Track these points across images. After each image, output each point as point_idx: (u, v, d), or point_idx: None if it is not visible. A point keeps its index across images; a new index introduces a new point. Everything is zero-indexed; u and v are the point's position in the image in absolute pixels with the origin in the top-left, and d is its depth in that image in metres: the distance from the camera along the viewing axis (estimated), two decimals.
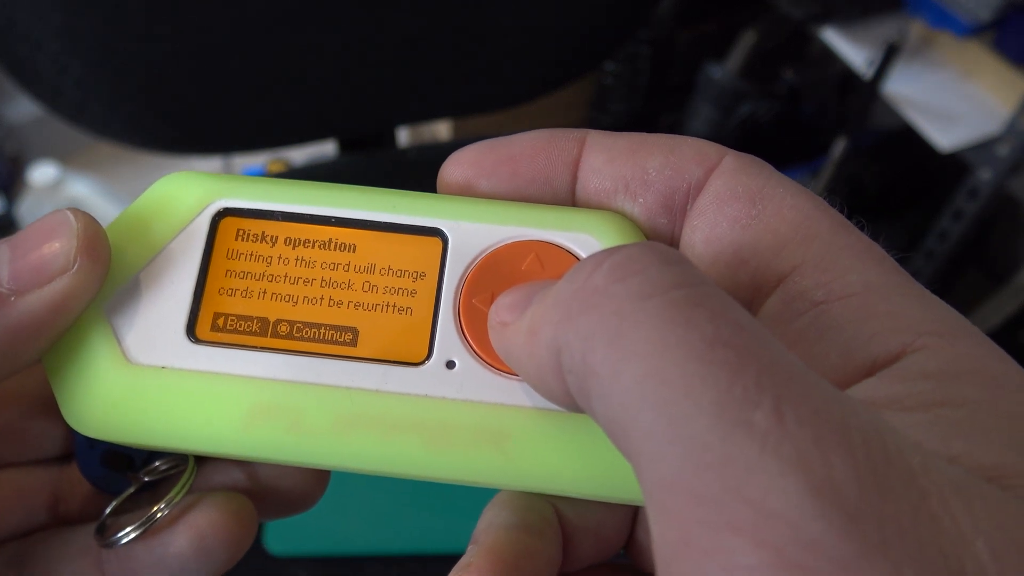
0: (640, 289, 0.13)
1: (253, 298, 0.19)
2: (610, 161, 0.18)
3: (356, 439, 0.17)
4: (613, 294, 0.13)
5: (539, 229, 0.19)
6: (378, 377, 0.18)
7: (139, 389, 0.18)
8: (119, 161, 1.29)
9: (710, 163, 0.17)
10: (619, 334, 0.12)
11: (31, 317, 0.17)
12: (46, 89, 0.50)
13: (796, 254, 0.16)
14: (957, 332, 0.14)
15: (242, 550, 0.19)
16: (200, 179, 0.19)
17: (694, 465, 0.11)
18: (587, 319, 0.13)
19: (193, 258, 0.19)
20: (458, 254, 0.19)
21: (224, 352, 0.18)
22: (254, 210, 0.19)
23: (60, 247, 0.17)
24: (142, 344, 0.18)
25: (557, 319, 0.14)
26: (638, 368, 0.12)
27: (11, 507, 0.20)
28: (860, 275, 0.15)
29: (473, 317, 0.18)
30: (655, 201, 0.18)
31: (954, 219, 0.90)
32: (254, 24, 0.49)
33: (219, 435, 0.18)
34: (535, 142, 0.19)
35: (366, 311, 0.19)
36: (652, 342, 0.12)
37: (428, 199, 0.19)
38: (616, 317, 0.13)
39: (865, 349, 0.15)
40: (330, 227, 0.19)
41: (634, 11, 0.59)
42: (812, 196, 0.17)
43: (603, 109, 1.18)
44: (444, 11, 0.52)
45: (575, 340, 0.13)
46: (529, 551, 0.17)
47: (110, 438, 0.18)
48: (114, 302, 0.18)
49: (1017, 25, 0.84)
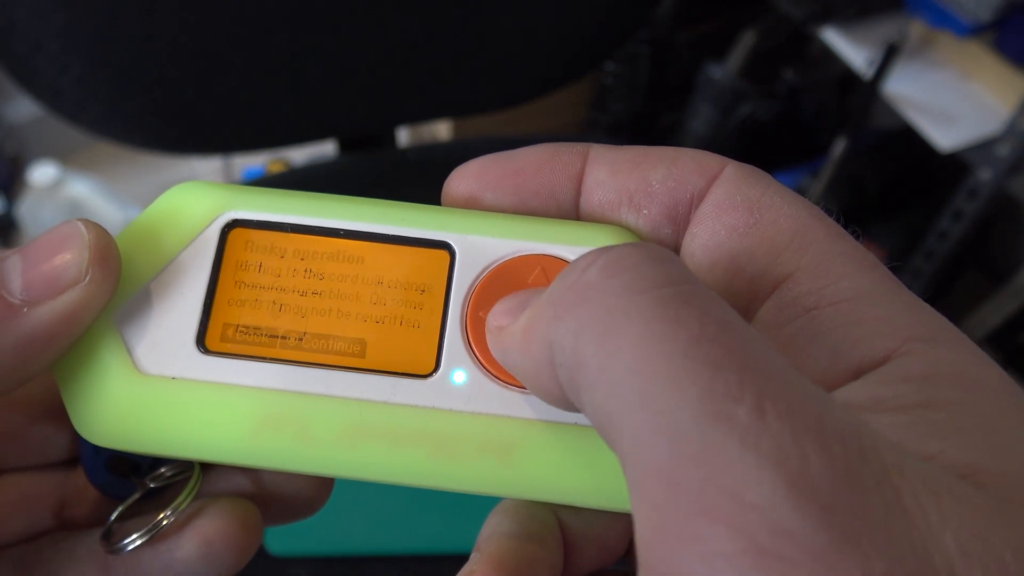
0: (631, 285, 0.13)
1: (262, 309, 0.19)
2: (614, 174, 0.18)
3: (364, 450, 0.17)
4: (605, 289, 0.13)
5: (545, 243, 0.19)
6: (386, 389, 0.18)
7: (149, 399, 0.18)
8: (119, 161, 1.29)
9: (711, 173, 0.18)
10: (609, 328, 0.13)
11: (43, 328, 0.17)
12: (46, 89, 0.50)
13: (791, 261, 0.16)
14: (941, 337, 0.15)
15: (248, 556, 0.19)
16: (210, 190, 0.19)
17: (675, 455, 0.12)
18: (579, 313, 0.14)
19: (203, 269, 0.19)
20: (465, 267, 0.19)
21: (233, 363, 0.18)
22: (264, 222, 0.19)
23: (72, 258, 0.17)
24: (152, 354, 0.18)
25: (551, 315, 0.14)
26: (626, 361, 0.13)
27: (17, 512, 0.20)
28: (852, 282, 0.16)
29: (480, 330, 0.18)
30: (659, 212, 0.18)
31: (954, 219, 0.90)
32: (254, 24, 0.49)
33: (228, 445, 0.18)
34: (539, 156, 0.19)
35: (374, 323, 0.19)
36: (640, 336, 0.13)
37: (436, 212, 0.19)
38: (606, 311, 0.13)
39: (853, 353, 0.15)
40: (339, 239, 0.19)
41: (634, 11, 0.59)
42: (809, 205, 0.17)
43: (603, 109, 1.18)
44: (444, 11, 0.52)
45: (567, 334, 0.14)
46: (531, 559, 0.17)
47: (120, 447, 0.18)
48: (124, 312, 0.18)
49: (1017, 25, 0.84)
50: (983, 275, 1.07)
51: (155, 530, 0.19)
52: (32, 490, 0.20)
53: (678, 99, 1.14)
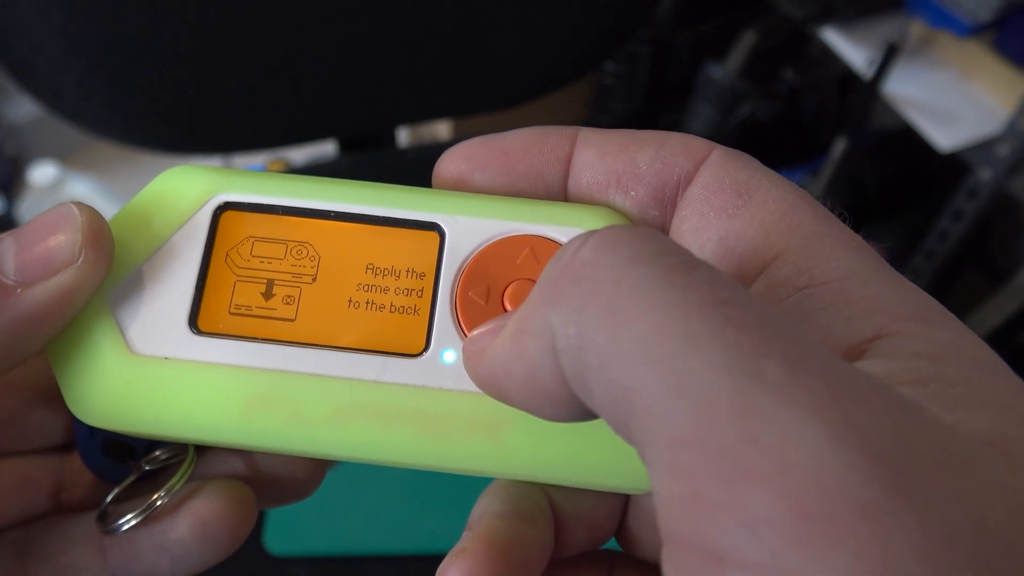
0: (631, 257, 0.13)
1: (254, 290, 0.19)
2: (602, 156, 0.19)
3: (354, 428, 0.18)
4: (603, 264, 0.13)
5: (534, 224, 0.19)
6: (376, 368, 0.18)
7: (142, 379, 0.18)
8: (119, 161, 1.29)
9: (699, 156, 0.18)
10: (614, 300, 0.12)
11: (37, 309, 0.17)
12: (46, 89, 0.50)
13: (780, 242, 0.16)
14: (932, 318, 0.15)
15: (242, 537, 0.20)
16: (202, 173, 0.20)
17: (706, 419, 0.11)
18: (579, 290, 0.13)
19: (195, 251, 0.19)
20: (455, 248, 0.19)
21: (225, 343, 0.18)
22: (255, 204, 0.19)
23: (65, 240, 0.17)
24: (145, 335, 0.18)
25: (547, 301, 0.13)
26: (638, 328, 0.12)
27: (13, 496, 0.20)
28: (840, 262, 0.16)
29: (469, 310, 0.18)
30: (646, 193, 0.18)
31: (954, 219, 0.90)
32: (254, 24, 0.49)
33: (220, 424, 0.18)
34: (529, 138, 0.19)
35: (364, 303, 0.19)
36: (650, 304, 0.12)
37: (425, 194, 0.19)
38: (610, 284, 0.13)
39: (843, 332, 0.15)
40: (329, 221, 0.19)
41: (634, 11, 0.59)
42: (796, 188, 0.17)
43: (603, 109, 1.18)
44: (444, 11, 0.52)
45: (569, 313, 0.13)
46: (522, 538, 0.17)
47: (114, 427, 0.18)
48: (117, 294, 0.19)
49: (1017, 25, 0.84)
50: (983, 275, 1.07)
51: (149, 511, 0.19)
52: (28, 474, 0.21)
53: (678, 99, 1.14)
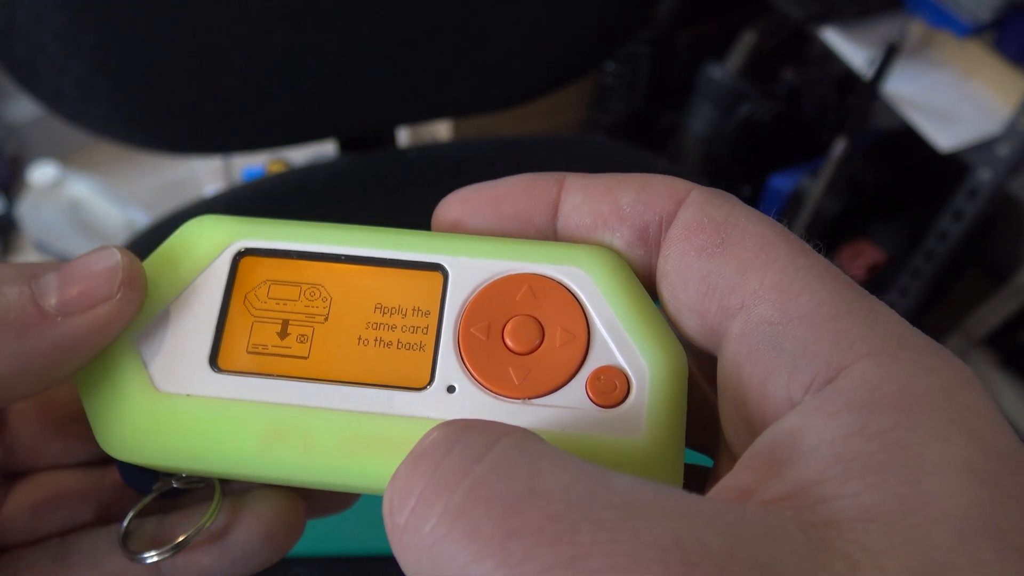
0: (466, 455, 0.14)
1: (270, 330, 0.20)
2: (588, 199, 0.20)
3: (364, 458, 0.19)
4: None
5: (532, 263, 0.20)
6: (384, 401, 0.19)
7: (165, 415, 0.19)
8: (119, 161, 1.29)
9: (679, 196, 0.19)
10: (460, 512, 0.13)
11: (74, 336, 0.19)
12: (46, 89, 0.50)
13: (756, 278, 0.17)
14: (891, 350, 0.15)
15: (296, 539, 0.22)
16: (223, 223, 0.21)
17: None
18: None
19: (216, 294, 0.20)
20: (457, 287, 0.20)
21: (244, 380, 0.19)
22: (271, 249, 0.21)
23: (105, 278, 0.19)
24: (168, 373, 0.20)
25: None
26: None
27: (54, 507, 0.22)
28: (812, 295, 0.16)
29: (471, 345, 0.19)
30: (631, 234, 0.19)
31: (954, 219, 0.90)
32: (254, 24, 0.49)
33: (238, 457, 0.19)
34: (518, 184, 0.20)
35: (374, 340, 0.20)
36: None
37: (430, 237, 0.21)
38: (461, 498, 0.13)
39: (809, 368, 0.15)
40: (340, 264, 0.21)
41: (634, 11, 0.59)
42: (773, 223, 0.18)
43: (603, 109, 1.18)
44: (444, 11, 0.52)
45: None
46: None
47: (138, 461, 0.19)
48: (143, 334, 0.20)
49: (1017, 25, 0.84)
50: (983, 275, 1.07)
51: (177, 549, 0.20)
52: (69, 486, 0.22)
53: (678, 99, 1.14)
